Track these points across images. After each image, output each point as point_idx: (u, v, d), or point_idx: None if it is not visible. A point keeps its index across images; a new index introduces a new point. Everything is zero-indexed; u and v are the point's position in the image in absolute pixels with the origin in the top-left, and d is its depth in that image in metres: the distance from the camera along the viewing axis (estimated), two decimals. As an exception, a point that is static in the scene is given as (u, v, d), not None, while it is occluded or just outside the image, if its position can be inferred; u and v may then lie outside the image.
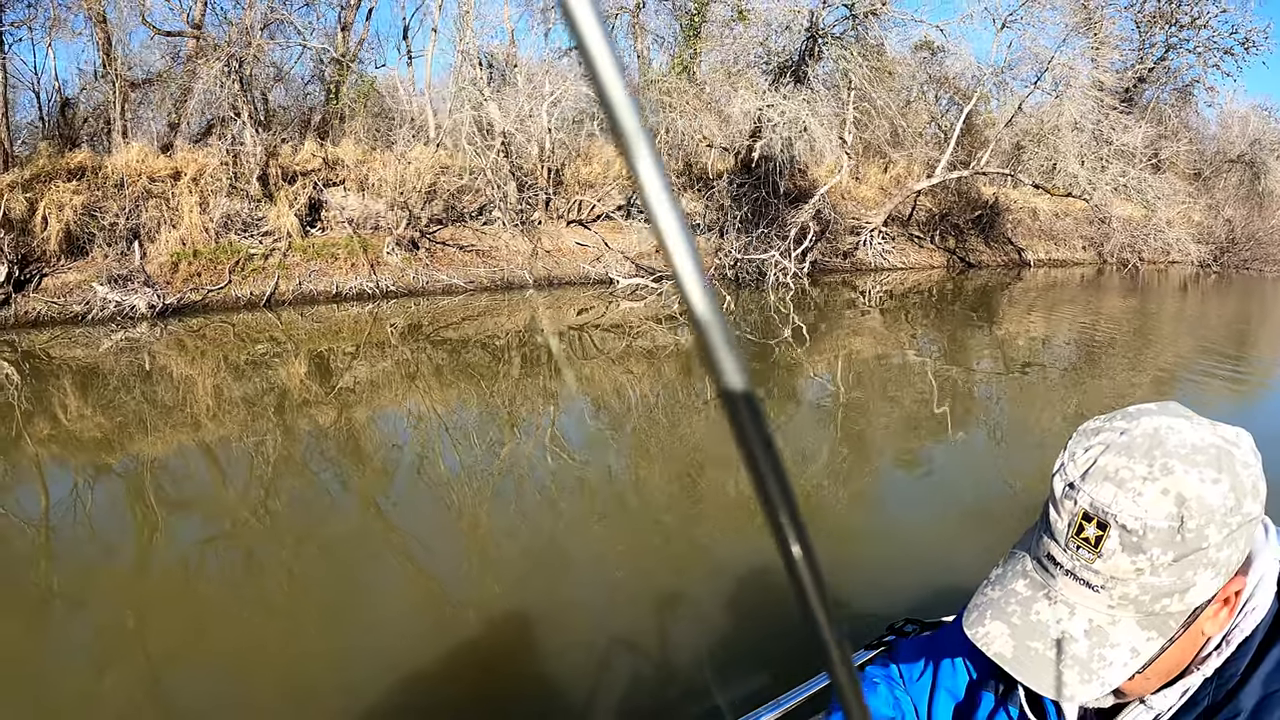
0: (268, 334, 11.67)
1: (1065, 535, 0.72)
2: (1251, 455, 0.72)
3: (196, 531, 5.03)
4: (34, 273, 12.51)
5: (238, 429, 7.26)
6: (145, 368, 9.59)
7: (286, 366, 9.94)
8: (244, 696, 3.15)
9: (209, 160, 12.41)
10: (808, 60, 12.26)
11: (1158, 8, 21.75)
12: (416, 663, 3.29)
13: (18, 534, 4.99)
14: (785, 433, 7.33)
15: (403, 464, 6.39)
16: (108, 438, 7.00)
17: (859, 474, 6.29)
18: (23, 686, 3.24)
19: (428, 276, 11.86)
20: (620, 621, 3.61)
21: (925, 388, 8.78)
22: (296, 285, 11.58)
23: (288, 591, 4.17)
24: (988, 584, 0.81)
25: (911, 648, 1.21)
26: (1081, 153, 15.17)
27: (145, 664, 3.43)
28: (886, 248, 16.28)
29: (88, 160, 12.69)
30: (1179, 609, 0.71)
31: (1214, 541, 0.68)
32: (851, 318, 13.14)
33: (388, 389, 8.94)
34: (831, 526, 5.00)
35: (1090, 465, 0.72)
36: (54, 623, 3.84)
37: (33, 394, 8.49)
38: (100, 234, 12.44)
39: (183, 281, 11.70)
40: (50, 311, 12.01)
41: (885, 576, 4.08)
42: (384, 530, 5.00)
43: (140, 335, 11.25)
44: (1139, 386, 9.11)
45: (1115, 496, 0.69)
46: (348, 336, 11.49)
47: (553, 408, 8.24)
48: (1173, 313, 15.84)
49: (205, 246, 12.08)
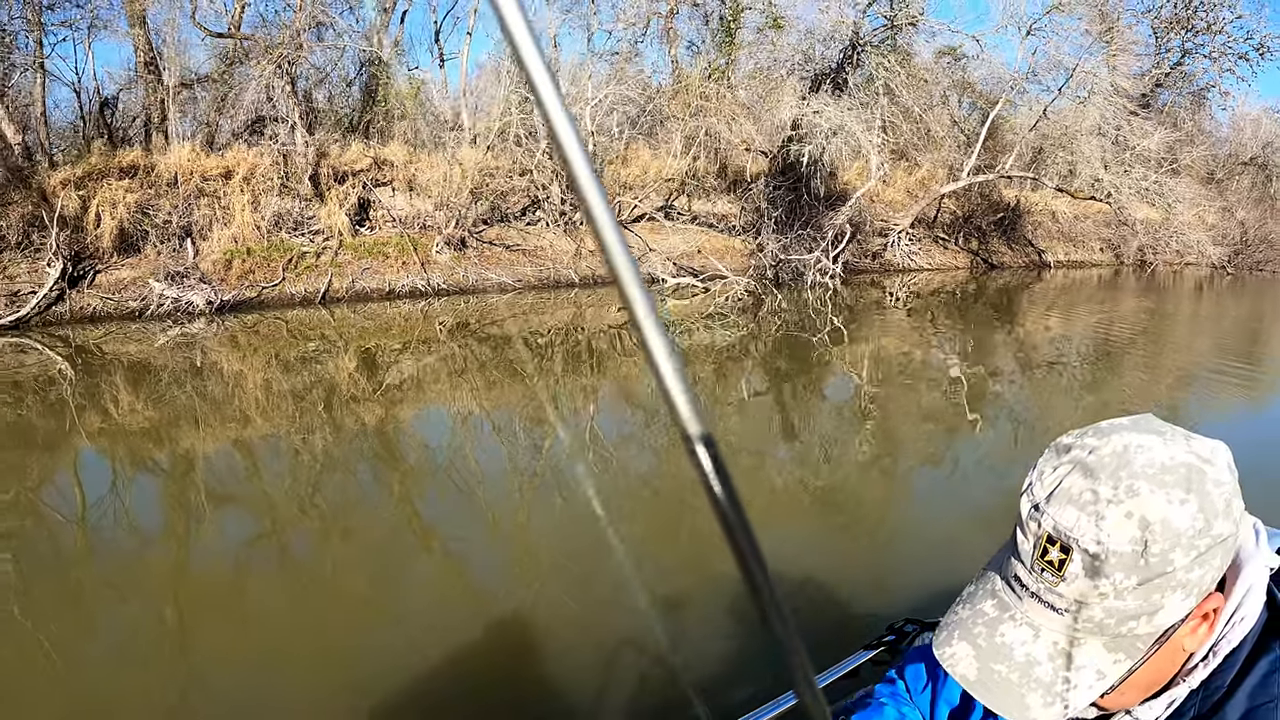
0: (319, 330, 11.95)
1: (1030, 557, 0.72)
2: (1226, 472, 0.71)
3: (239, 524, 5.13)
4: (87, 269, 12.80)
5: (284, 423, 7.41)
6: (198, 363, 9.78)
7: (335, 362, 10.18)
8: (273, 685, 3.24)
9: (260, 160, 12.73)
10: (847, 68, 12.66)
11: (1174, 13, 22.19)
12: (445, 656, 3.33)
13: (67, 525, 5.07)
14: (818, 426, 7.63)
15: (441, 461, 6.47)
16: (160, 431, 7.12)
17: (886, 468, 6.42)
18: (67, 672, 3.32)
19: (477, 275, 12.21)
20: (649, 622, 3.58)
21: (949, 387, 8.98)
22: (350, 283, 11.90)
23: (325, 583, 4.24)
24: (959, 602, 0.81)
25: (915, 657, 1.20)
26: (1105, 157, 15.59)
27: (185, 654, 3.51)
28: (913, 249, 16.68)
29: (139, 159, 12.98)
30: (1147, 631, 0.70)
31: (1180, 565, 0.67)
32: (881, 317, 13.48)
33: (433, 385, 9.16)
34: (850, 521, 5.15)
35: (1056, 486, 0.71)
36: (98, 613, 3.88)
37: (86, 388, 8.67)
38: (153, 231, 12.75)
39: (237, 279, 12.01)
40: (106, 307, 12.30)
41: (893, 574, 4.16)
42: (422, 526, 5.05)
43: (197, 331, 11.53)
44: (1158, 384, 9.37)
45: (1078, 520, 0.68)
46: (397, 334, 11.78)
47: (591, 405, 8.44)
48: (1191, 313, 16.18)
49: (258, 244, 12.39)
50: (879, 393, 8.76)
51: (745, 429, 7.44)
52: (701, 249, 13.22)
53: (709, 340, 11.21)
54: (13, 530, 4.86)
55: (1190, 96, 23.60)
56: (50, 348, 10.92)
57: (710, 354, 10.48)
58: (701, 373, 9.69)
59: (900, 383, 9.32)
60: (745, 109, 13.40)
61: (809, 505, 5.57)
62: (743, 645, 3.27)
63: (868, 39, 12.92)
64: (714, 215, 14.53)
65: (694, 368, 9.84)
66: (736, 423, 7.65)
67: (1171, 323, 14.67)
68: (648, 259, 12.83)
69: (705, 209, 14.60)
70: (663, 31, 15.80)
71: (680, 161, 13.55)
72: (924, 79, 14.20)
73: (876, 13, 12.65)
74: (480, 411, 8.12)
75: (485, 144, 12.21)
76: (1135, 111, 16.48)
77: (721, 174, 14.86)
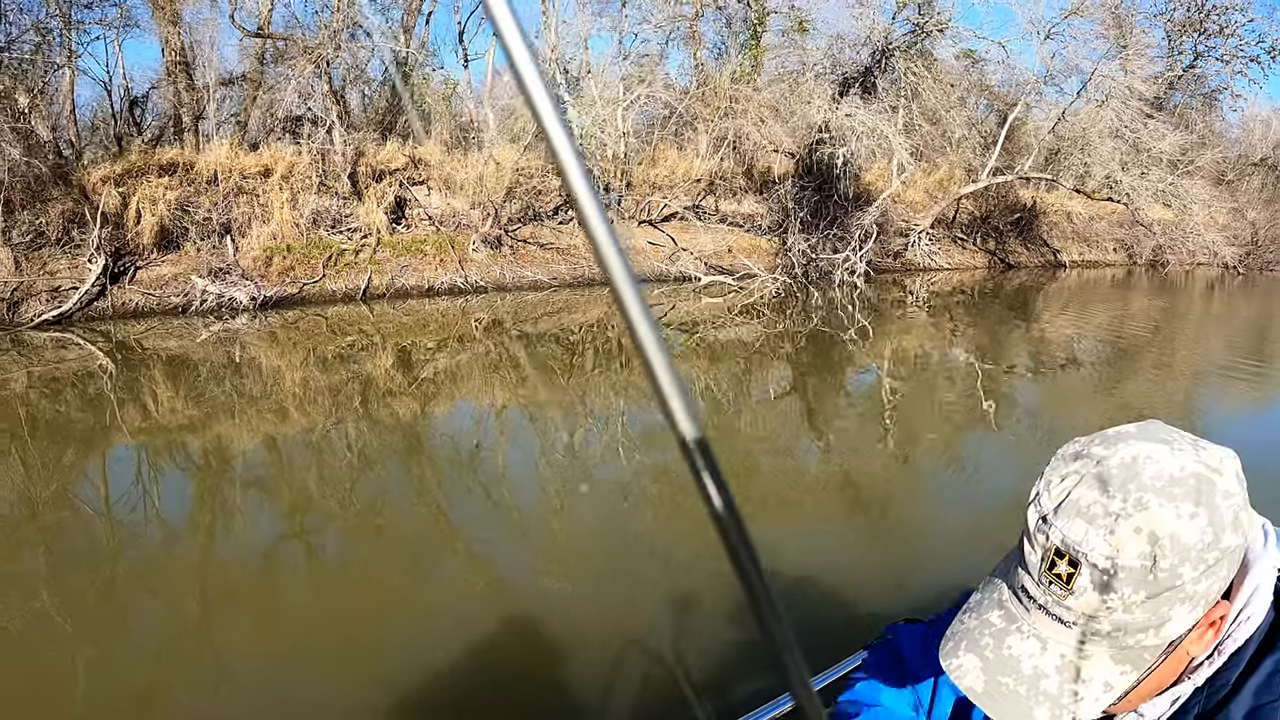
0: (357, 327, 12.17)
1: (1038, 570, 0.71)
2: (1235, 482, 0.71)
3: (271, 518, 5.19)
4: (128, 265, 13.02)
5: (320, 418, 7.49)
6: (238, 359, 9.91)
7: (372, 358, 10.35)
8: (299, 675, 3.31)
9: (298, 158, 12.99)
10: (875, 72, 12.98)
11: (1187, 16, 22.54)
12: (460, 651, 3.37)
13: (103, 519, 5.12)
14: (842, 422, 7.78)
15: (470, 458, 6.52)
16: (199, 426, 7.21)
17: (909, 465, 6.47)
18: (102, 662, 3.39)
19: (514, 272, 12.49)
20: (657, 621, 3.60)
21: (967, 385, 9.14)
22: (389, 280, 12.17)
23: (353, 576, 4.30)
24: (965, 611, 0.81)
25: (916, 640, 1.19)
26: (1123, 159, 15.91)
27: (217, 645, 3.56)
28: (933, 249, 16.99)
29: (178, 156, 13.22)
30: (1154, 643, 0.70)
31: (1188, 578, 0.67)
32: (903, 315, 13.74)
33: (466, 381, 9.34)
34: (867, 519, 5.23)
35: (1064, 498, 0.71)
36: (132, 605, 3.93)
37: (127, 383, 8.80)
38: (193, 228, 13.00)
39: (278, 275, 12.26)
40: (148, 303, 12.53)
41: (899, 572, 4.18)
42: (447, 523, 5.08)
43: (239, 326, 11.73)
44: (1173, 382, 9.54)
45: (1086, 534, 0.68)
46: (434, 330, 12.02)
47: (622, 400, 8.57)
48: (1203, 312, 16.49)
49: (297, 242, 12.64)
50: (903, 390, 8.93)
51: (773, 424, 7.64)
52: (732, 248, 13.54)
53: (742, 336, 11.51)
54: (51, 524, 4.92)
55: (1202, 98, 23.97)
56: (92, 342, 11.07)
57: (745, 349, 10.77)
58: (737, 368, 9.95)
59: (922, 380, 9.50)
60: (773, 110, 13.70)
61: (834, 501, 5.64)
62: (745, 645, 3.27)
63: (896, 44, 13.24)
64: (740, 215, 14.83)
65: (730, 363, 10.10)
66: (767, 418, 7.86)
67: (1184, 322, 14.95)
68: (679, 258, 13.13)
69: (731, 209, 14.90)
70: (687, 34, 16.08)
71: (708, 162, 13.85)
72: (950, 83, 14.51)
73: (905, 19, 13.01)
74: (510, 408, 8.23)
75: (522, 143, 12.50)
76: (1151, 114, 16.79)
77: (748, 175, 15.17)
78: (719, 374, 9.71)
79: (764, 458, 6.64)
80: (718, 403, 8.42)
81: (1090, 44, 16.68)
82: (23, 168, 12.46)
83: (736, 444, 6.90)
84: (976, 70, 18.14)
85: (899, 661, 1.18)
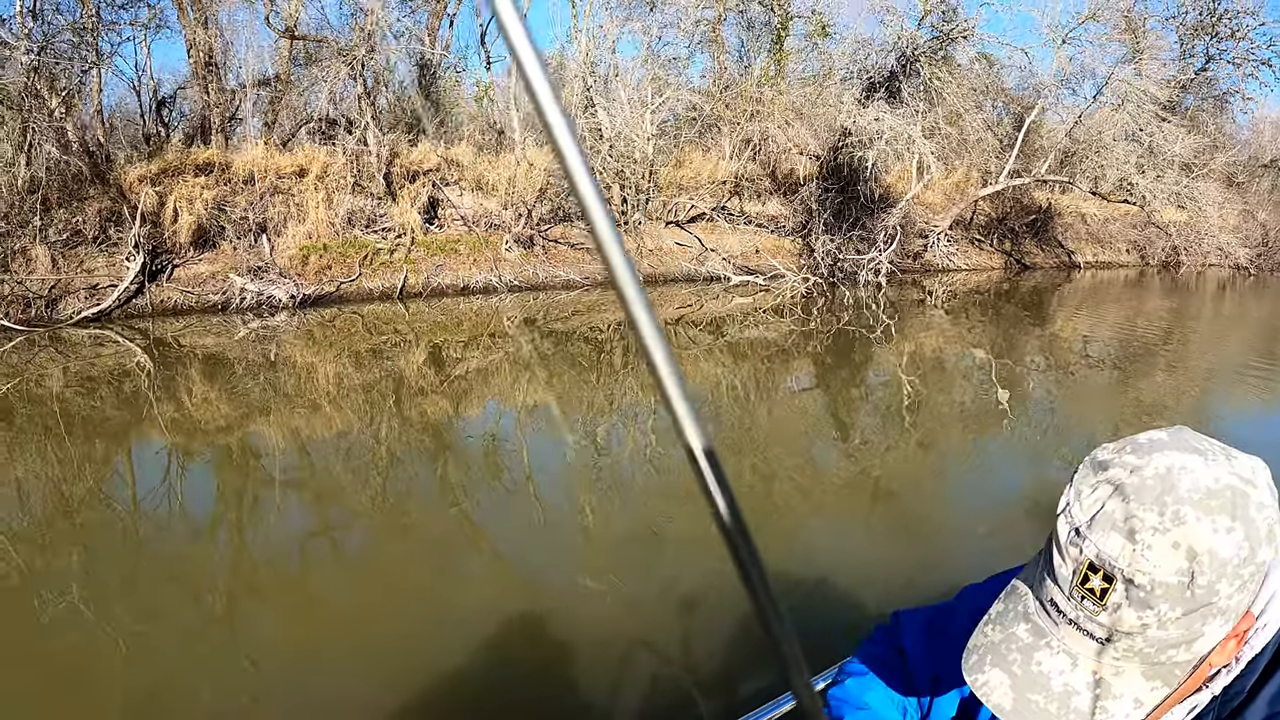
0: (393, 325, 12.39)
1: (1070, 584, 0.70)
2: (1268, 494, 0.70)
3: (298, 513, 5.26)
4: (165, 263, 13.26)
5: (353, 416, 7.57)
6: (275, 356, 10.04)
7: (405, 356, 10.55)
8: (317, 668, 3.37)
9: (332, 158, 13.25)
10: (900, 77, 13.30)
11: (1199, 20, 22.88)
12: (464, 649, 3.41)
13: (136, 514, 5.19)
14: (869, 419, 7.89)
15: (498, 455, 6.59)
16: (234, 422, 7.31)
17: (929, 460, 6.59)
18: (133, 655, 3.46)
19: (547, 271, 12.76)
20: (665, 621, 3.62)
21: (984, 382, 9.35)
22: (425, 278, 12.43)
23: (373, 573, 4.34)
24: (988, 622, 0.79)
25: (919, 632, 1.15)
26: (1140, 162, 16.22)
27: (244, 639, 3.62)
28: (951, 250, 17.29)
29: (214, 156, 13.47)
30: (1185, 659, 0.69)
31: (1225, 594, 0.66)
32: (925, 315, 13.94)
33: (496, 378, 9.50)
34: (891, 513, 5.30)
35: (1098, 510, 0.69)
36: (163, 600, 3.98)
37: (164, 380, 8.92)
38: (230, 227, 13.24)
39: (314, 274, 12.50)
40: (186, 301, 12.77)
41: (904, 572, 4.20)
42: (470, 521, 5.11)
43: (277, 324, 11.96)
44: (1189, 381, 9.69)
45: (1123, 549, 0.66)
46: (468, 329, 12.23)
47: (653, 398, 8.56)
48: (1216, 313, 16.77)
49: (332, 241, 12.91)
50: (929, 388, 9.09)
51: (804, 420, 7.83)
52: (760, 249, 13.82)
53: (772, 335, 11.78)
54: (86, 520, 4.98)
55: (1213, 101, 24.31)
56: (130, 339, 11.19)
57: (776, 348, 11.03)
58: (770, 365, 10.18)
59: (946, 379, 9.67)
60: (798, 113, 14.00)
61: (852, 496, 5.72)
62: (747, 645, 3.28)
63: (921, 49, 13.55)
64: (764, 216, 15.12)
65: (762, 361, 10.32)
66: (800, 412, 8.07)
67: (1197, 322, 15.22)
68: (707, 258, 13.41)
69: (755, 210, 15.19)
70: (709, 38, 16.36)
71: (734, 164, 14.13)
72: (972, 87, 14.84)
73: (930, 25, 13.31)
74: (537, 406, 8.32)
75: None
76: (1166, 118, 17.11)
77: (771, 176, 15.47)
78: (751, 371, 9.94)
79: (799, 452, 6.80)
80: (754, 399, 8.65)
81: (1106, 49, 16.99)
82: (62, 166, 12.69)
83: (770, 438, 7.11)
84: (992, 73, 18.45)
85: (899, 654, 1.15)
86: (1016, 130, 17.06)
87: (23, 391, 8.15)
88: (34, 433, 6.80)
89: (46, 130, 12.48)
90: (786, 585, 4.03)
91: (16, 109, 12.47)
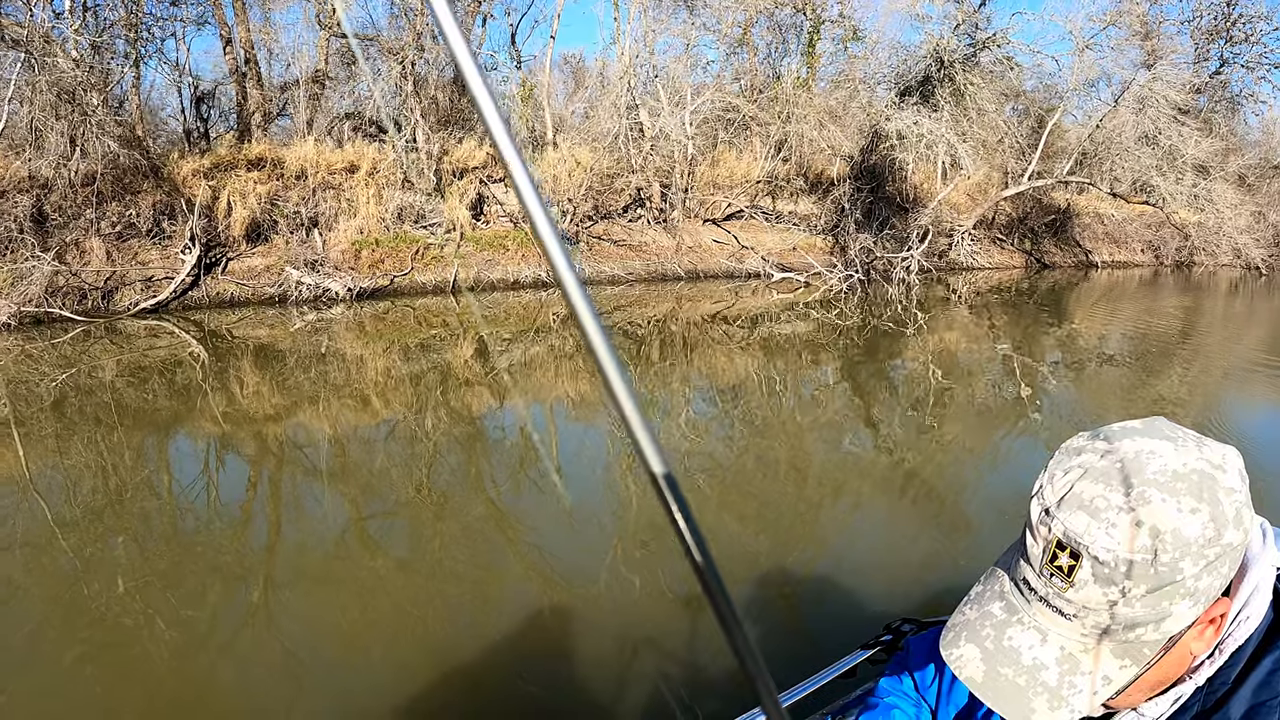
0: (441, 318, 12.86)
1: (1040, 562, 0.72)
2: (1238, 479, 0.71)
3: (333, 505, 5.32)
4: (219, 256, 13.70)
5: (400, 407, 7.74)
6: (327, 348, 10.29)
7: (452, 349, 10.91)
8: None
9: (381, 155, 13.72)
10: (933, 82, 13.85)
11: (1213, 24, 23.51)
12: (527, 643, 3.44)
13: (184, 503, 5.31)
14: (897, 412, 8.04)
15: (532, 448, 6.63)
16: (286, 412, 7.49)
17: (966, 456, 6.67)
18: (182, 644, 3.47)
19: (592, 267, 13.25)
20: (672, 620, 3.63)
21: (1005, 377, 9.60)
22: (475, 272, 12.92)
23: (416, 560, 4.41)
24: (967, 602, 0.82)
25: (922, 651, 1.20)
26: (1160, 164, 16.80)
27: (283, 627, 3.69)
28: (974, 249, 17.86)
29: (267, 152, 13.92)
30: (1154, 638, 0.71)
31: (1189, 574, 0.68)
32: (953, 312, 14.36)
33: (540, 371, 9.74)
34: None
35: (1067, 491, 0.71)
36: (209, 589, 4.04)
37: (218, 370, 9.16)
38: (282, 221, 13.70)
39: (368, 267, 12.96)
40: (242, 293, 13.21)
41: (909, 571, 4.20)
42: (500, 514, 5.15)
43: (334, 316, 12.33)
44: (1203, 376, 9.93)
45: (1088, 527, 0.69)
46: (514, 322, 12.60)
47: (689, 390, 8.95)
48: (1228, 311, 17.31)
49: (383, 236, 13.38)
50: (970, 383, 9.34)
51: (848, 412, 8.14)
52: (796, 246, 14.35)
53: (811, 331, 12.27)
54: (137, 510, 5.09)
55: (1225, 103, 24.93)
56: (185, 331, 11.43)
57: (825, 343, 11.50)
58: (812, 359, 10.55)
59: (981, 374, 9.85)
60: (832, 115, 14.54)
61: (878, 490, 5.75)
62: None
63: (955, 55, 14.09)
64: (795, 215, 15.66)
65: (803, 356, 10.59)
66: (845, 405, 8.35)
67: (1211, 319, 15.72)
68: (744, 255, 13.93)
69: (787, 209, 15.72)
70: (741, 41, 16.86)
71: (767, 164, 14.65)
72: (999, 91, 15.40)
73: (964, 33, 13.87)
74: (573, 398, 8.47)
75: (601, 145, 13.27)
76: (1185, 122, 17.68)
77: (803, 176, 16.00)
78: (797, 366, 10.34)
79: (871, 441, 7.03)
80: (809, 392, 8.97)
81: (1127, 54, 17.55)
82: (121, 159, 13.08)
83: (812, 430, 7.33)
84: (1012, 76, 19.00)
85: (910, 679, 1.20)
86: (1036, 132, 17.61)
87: (78, 383, 8.31)
88: (87, 422, 6.95)
89: (106, 123, 12.89)
90: (838, 566, 4.29)
91: (73, 103, 12.87)
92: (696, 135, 14.16)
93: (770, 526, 4.89)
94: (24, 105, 12.81)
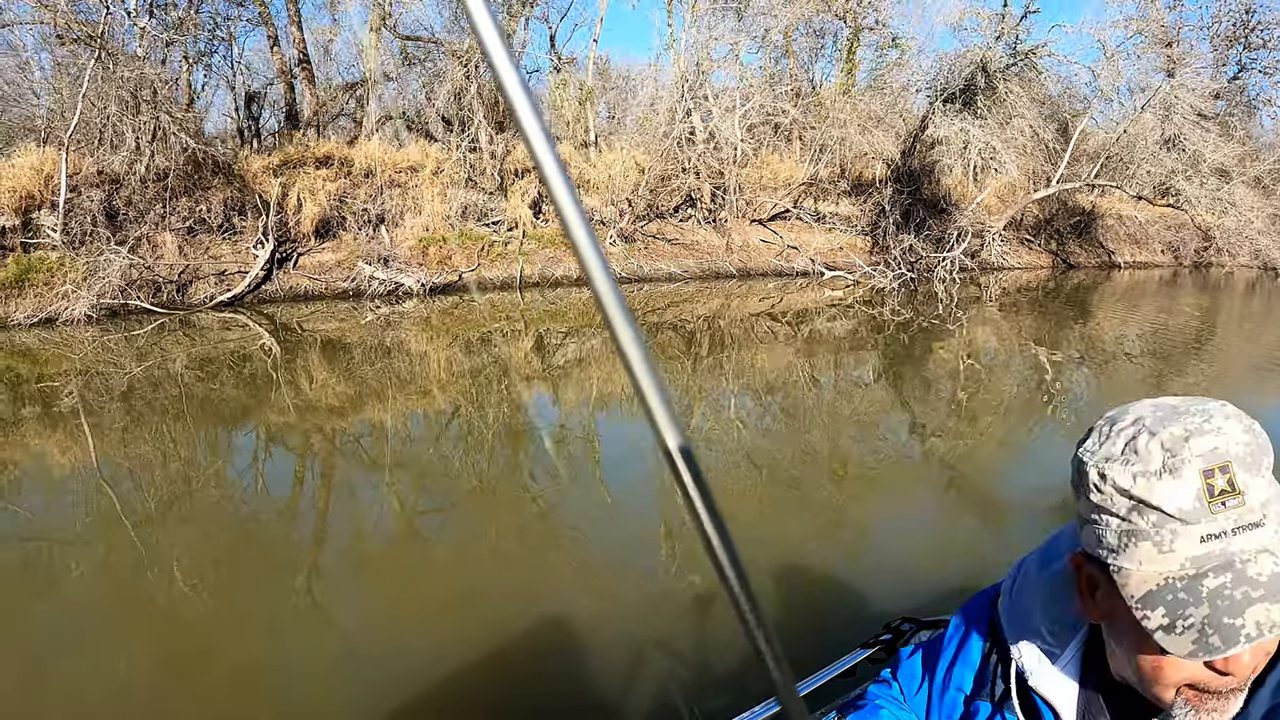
0: (505, 313, 13.52)
1: (1204, 503, 0.69)
2: None
3: (405, 494, 5.42)
4: (290, 252, 14.36)
5: (463, 398, 7.98)
6: (393, 341, 10.64)
7: (514, 343, 11.35)
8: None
9: (445, 154, 14.39)
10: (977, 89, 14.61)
11: (1232, 30, 24.32)
12: (573, 639, 3.48)
13: (244, 494, 5.42)
14: (936, 402, 8.34)
15: (575, 442, 6.77)
16: (352, 403, 7.71)
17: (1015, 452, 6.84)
18: (237, 631, 3.59)
19: (649, 265, 13.96)
20: (681, 621, 3.63)
21: (1034, 373, 9.95)
22: (540, 269, 13.63)
23: (465, 553, 4.48)
24: (1192, 603, 0.70)
25: (910, 661, 1.20)
26: (1183, 168, 17.61)
27: (327, 617, 3.77)
28: (1004, 249, 18.64)
29: (334, 150, 14.57)
30: None
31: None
32: (988, 309, 14.91)
33: (593, 365, 10.05)
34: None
35: (1155, 441, 0.71)
36: (267, 577, 4.13)
37: (291, 362, 9.48)
38: (351, 218, 14.37)
39: (436, 264, 13.65)
40: (314, 287, 13.86)
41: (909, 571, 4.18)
42: (539, 508, 5.23)
43: (407, 310, 12.84)
44: (1227, 373, 10.26)
45: (1204, 438, 0.70)
46: (574, 318, 13.31)
47: (736, 385, 9.20)
48: (1247, 311, 18.07)
49: (448, 233, 14.07)
50: (1015, 377, 9.73)
51: (877, 406, 8.43)
52: (843, 246, 15.11)
53: (859, 328, 12.97)
54: (205, 500, 5.27)
55: (1243, 107, 25.75)
56: (258, 324, 11.89)
57: (868, 338, 12.17)
58: (866, 354, 10.83)
59: (1028, 367, 10.31)
60: (877, 120, 15.28)
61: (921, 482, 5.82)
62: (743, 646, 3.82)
63: (996, 64, 14.87)
64: (836, 216, 16.41)
65: (854, 351, 10.99)
66: (910, 399, 8.62)
67: (1229, 318, 16.42)
68: (791, 254, 14.65)
69: (828, 210, 16.46)
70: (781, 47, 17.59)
71: (812, 166, 15.38)
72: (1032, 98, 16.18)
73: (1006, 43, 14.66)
74: (627, 392, 8.53)
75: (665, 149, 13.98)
76: (1207, 127, 18.46)
77: (844, 178, 16.75)
78: (852, 359, 10.93)
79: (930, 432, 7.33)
80: (865, 384, 9.37)
81: (1152, 61, 18.33)
82: (196, 155, 13.69)
83: (862, 419, 7.69)
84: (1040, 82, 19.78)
85: (899, 690, 1.21)
86: (1062, 135, 18.37)
87: (152, 375, 8.65)
88: (163, 412, 7.16)
89: (186, 121, 13.52)
90: (874, 544, 4.50)
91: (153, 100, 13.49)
92: (746, 138, 14.88)
93: (774, 520, 4.91)
94: (99, 101, 13.31)
